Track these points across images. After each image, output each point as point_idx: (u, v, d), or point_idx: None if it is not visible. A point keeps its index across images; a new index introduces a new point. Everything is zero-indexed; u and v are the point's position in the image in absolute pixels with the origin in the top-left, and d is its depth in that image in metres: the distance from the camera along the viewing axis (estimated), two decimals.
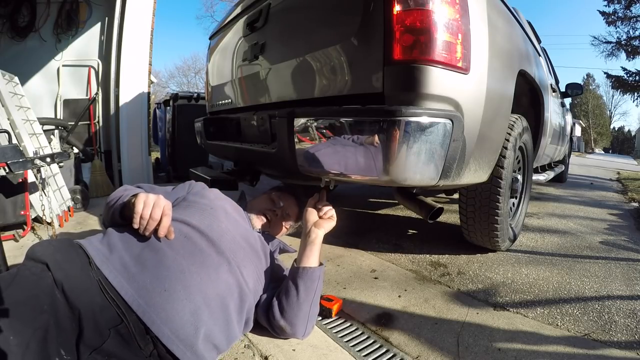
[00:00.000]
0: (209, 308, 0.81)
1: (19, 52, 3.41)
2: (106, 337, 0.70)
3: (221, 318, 0.84)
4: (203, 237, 0.91)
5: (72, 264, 0.77)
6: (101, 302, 0.73)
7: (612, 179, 6.20)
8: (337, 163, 1.13)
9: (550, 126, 2.49)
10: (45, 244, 0.82)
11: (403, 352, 1.02)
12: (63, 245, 0.82)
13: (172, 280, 0.79)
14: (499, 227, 1.61)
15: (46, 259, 0.75)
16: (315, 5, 1.39)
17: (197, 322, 0.78)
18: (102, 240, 0.87)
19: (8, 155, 1.64)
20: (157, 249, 0.84)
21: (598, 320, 1.20)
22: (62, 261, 0.76)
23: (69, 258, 0.78)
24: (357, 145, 1.06)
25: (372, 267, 1.63)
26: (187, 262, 0.84)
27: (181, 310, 0.77)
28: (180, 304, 0.77)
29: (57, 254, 0.77)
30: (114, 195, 1.01)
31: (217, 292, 0.84)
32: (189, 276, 0.81)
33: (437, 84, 1.04)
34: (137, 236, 0.87)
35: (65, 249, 0.81)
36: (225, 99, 2.07)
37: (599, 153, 32.12)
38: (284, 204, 1.30)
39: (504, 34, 1.45)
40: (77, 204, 2.61)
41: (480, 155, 1.31)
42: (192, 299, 0.79)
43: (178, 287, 0.78)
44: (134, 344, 0.73)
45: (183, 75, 31.26)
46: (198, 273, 0.83)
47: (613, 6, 13.45)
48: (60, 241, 0.85)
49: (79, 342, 0.68)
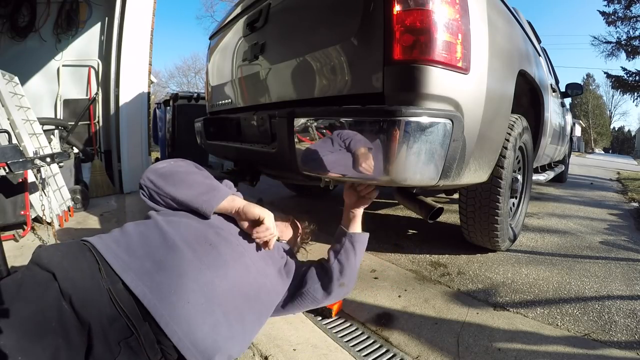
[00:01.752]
0: (227, 322, 0.80)
1: (19, 52, 3.41)
2: (116, 354, 0.69)
3: (239, 330, 0.84)
4: (230, 246, 0.89)
5: (81, 273, 0.73)
6: (110, 313, 0.71)
7: (612, 179, 6.20)
8: (337, 163, 1.13)
9: (550, 126, 2.49)
10: (51, 250, 0.77)
11: (403, 352, 1.02)
12: (71, 250, 0.77)
13: (196, 292, 0.77)
14: (499, 227, 1.61)
15: (53, 267, 0.71)
16: (315, 5, 1.39)
17: (216, 335, 0.77)
18: (118, 239, 0.81)
19: (8, 155, 1.64)
20: (180, 256, 0.80)
21: (598, 320, 1.20)
22: (70, 269, 0.72)
23: (78, 266, 0.74)
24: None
25: (372, 267, 1.63)
26: (212, 274, 0.81)
27: (202, 324, 0.76)
28: (202, 318, 0.76)
29: (65, 262, 0.73)
30: (185, 169, 0.99)
31: (236, 306, 0.83)
32: (212, 288, 0.79)
33: (437, 84, 1.04)
34: (158, 238, 0.82)
35: (73, 255, 0.76)
36: (225, 99, 2.07)
37: (599, 153, 32.11)
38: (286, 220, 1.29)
39: (504, 34, 1.45)
40: (77, 204, 2.61)
41: (480, 155, 1.31)
42: (213, 313, 0.78)
43: (201, 300, 0.77)
44: (144, 356, 0.72)
45: (183, 75, 31.26)
46: (220, 285, 0.81)
47: (613, 6, 13.46)
48: (68, 246, 0.80)
49: (89, 357, 0.67)
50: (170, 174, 0.95)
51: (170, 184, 0.93)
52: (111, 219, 2.48)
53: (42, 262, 0.73)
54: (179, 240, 0.82)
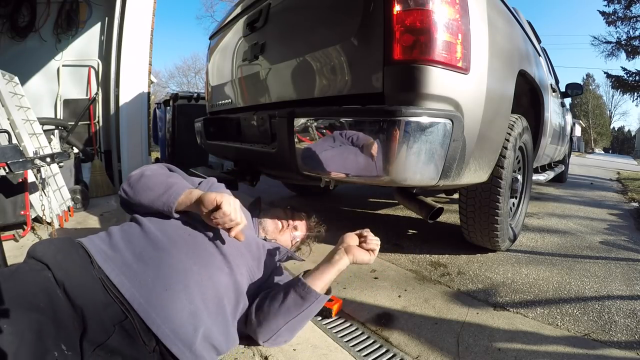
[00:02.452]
0: (207, 309, 0.81)
1: (19, 52, 3.41)
2: (111, 333, 0.71)
3: (220, 319, 0.85)
4: (207, 237, 0.92)
5: (73, 264, 0.76)
6: (105, 299, 0.73)
7: (612, 179, 6.20)
8: (337, 163, 1.13)
9: (550, 126, 2.49)
10: (46, 243, 0.81)
11: (403, 352, 1.02)
12: (64, 244, 0.82)
13: (173, 279, 0.79)
14: (499, 227, 1.61)
15: (47, 259, 0.75)
16: (315, 5, 1.39)
17: (196, 322, 0.78)
18: (104, 238, 0.87)
19: (8, 155, 1.64)
20: (160, 247, 0.84)
21: (598, 320, 1.20)
22: (63, 261, 0.76)
23: (70, 258, 0.78)
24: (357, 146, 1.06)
25: (372, 267, 1.62)
26: (190, 262, 0.84)
27: (181, 310, 0.77)
28: (180, 304, 0.77)
29: (59, 255, 0.77)
30: (150, 172, 0.98)
31: (216, 294, 0.84)
32: (190, 276, 0.81)
33: (437, 84, 1.05)
34: (141, 233, 0.86)
35: (67, 249, 0.80)
36: (225, 99, 2.07)
37: (599, 153, 32.11)
38: (296, 218, 1.31)
39: (504, 34, 1.45)
40: (77, 204, 2.61)
41: (480, 155, 1.31)
42: (192, 300, 0.79)
43: (179, 286, 0.78)
44: (139, 340, 0.73)
45: (183, 75, 31.27)
46: (199, 273, 0.83)
47: (613, 6, 13.45)
48: (61, 240, 0.84)
49: (83, 339, 0.68)
50: (136, 181, 0.97)
51: (137, 191, 0.95)
52: (111, 219, 2.48)
53: (36, 254, 0.76)
54: (158, 234, 0.86)
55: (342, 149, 1.11)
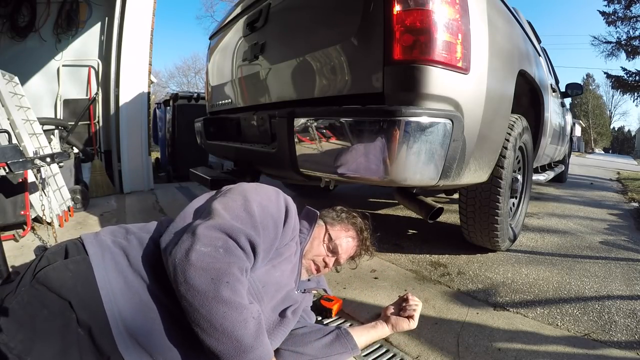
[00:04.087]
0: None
1: (19, 52, 3.41)
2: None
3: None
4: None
5: (97, 301, 0.68)
6: None
7: (612, 179, 6.20)
8: (337, 163, 1.13)
9: (550, 126, 2.49)
10: (61, 269, 0.70)
11: (403, 352, 1.02)
12: (82, 269, 0.71)
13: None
14: (499, 227, 1.61)
15: (68, 294, 0.66)
16: (315, 5, 1.39)
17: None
18: (124, 282, 0.72)
19: (8, 155, 1.64)
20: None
21: (598, 320, 1.20)
22: (86, 296, 0.68)
23: (92, 291, 0.69)
24: (357, 145, 1.06)
25: (372, 267, 1.62)
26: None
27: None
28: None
29: (79, 286, 0.68)
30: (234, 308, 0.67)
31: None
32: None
33: (437, 84, 1.04)
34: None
35: (85, 276, 0.70)
36: (225, 99, 2.07)
37: (599, 153, 32.09)
38: (341, 251, 1.07)
39: (504, 34, 1.45)
40: (77, 204, 2.61)
41: (480, 155, 1.31)
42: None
43: None
44: None
45: (183, 75, 31.26)
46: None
47: (613, 6, 13.45)
48: (76, 264, 0.72)
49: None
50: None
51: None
52: (111, 219, 2.48)
53: (52, 285, 0.67)
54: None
55: (342, 149, 1.11)
